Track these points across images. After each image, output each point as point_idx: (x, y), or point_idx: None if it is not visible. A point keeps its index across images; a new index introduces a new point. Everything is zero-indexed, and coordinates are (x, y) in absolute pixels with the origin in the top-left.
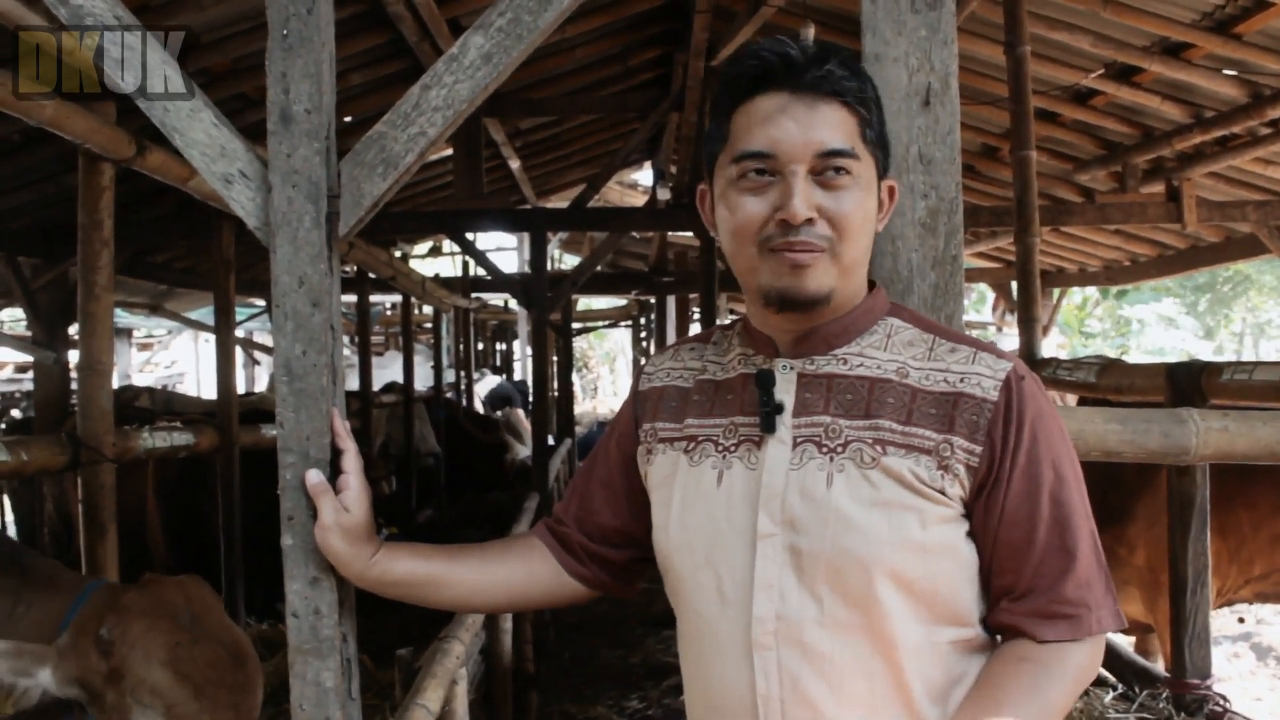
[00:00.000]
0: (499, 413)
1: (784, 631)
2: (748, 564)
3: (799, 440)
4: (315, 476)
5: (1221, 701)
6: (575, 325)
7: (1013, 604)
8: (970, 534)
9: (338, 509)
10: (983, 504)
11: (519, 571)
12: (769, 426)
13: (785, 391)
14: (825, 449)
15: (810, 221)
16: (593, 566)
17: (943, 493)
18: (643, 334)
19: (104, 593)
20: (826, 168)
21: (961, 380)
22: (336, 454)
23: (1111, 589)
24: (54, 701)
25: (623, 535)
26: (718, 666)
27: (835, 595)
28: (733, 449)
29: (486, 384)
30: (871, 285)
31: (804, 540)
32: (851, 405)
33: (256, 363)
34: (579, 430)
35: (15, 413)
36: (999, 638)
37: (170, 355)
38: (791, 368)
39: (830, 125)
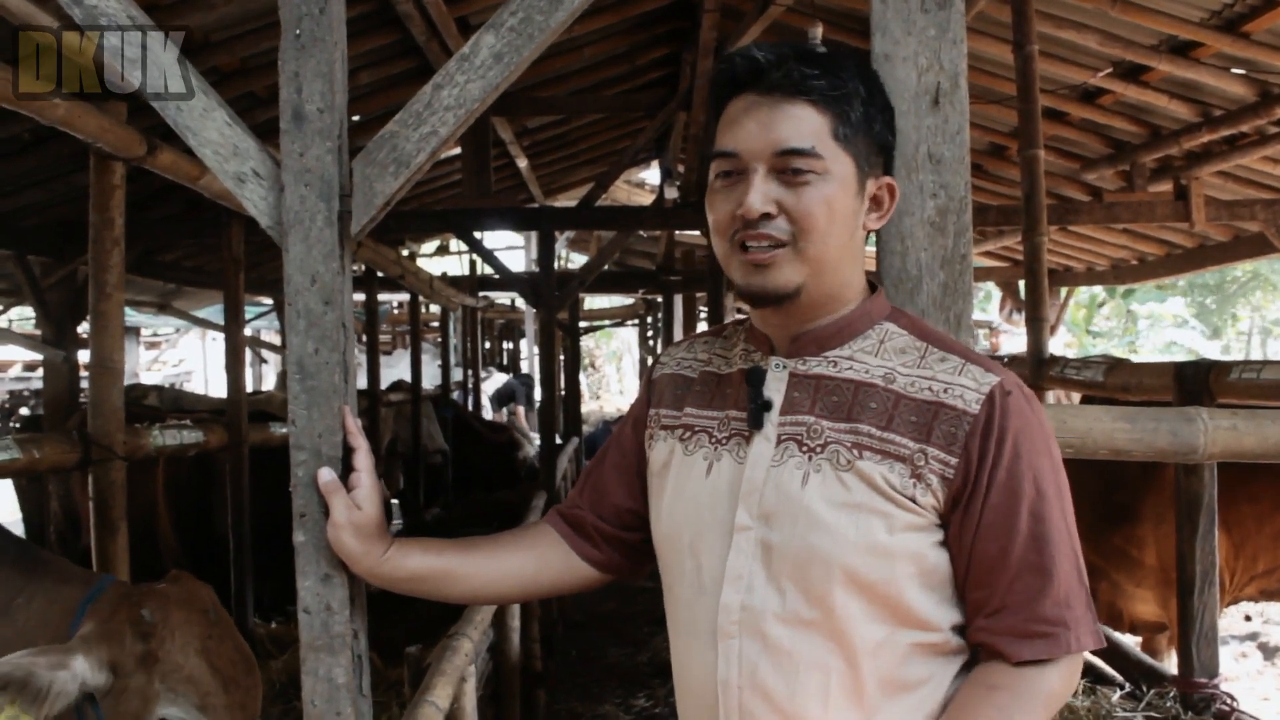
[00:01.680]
0: (504, 409)
1: (747, 622)
2: (724, 555)
3: (782, 438)
4: (327, 475)
5: (1229, 701)
6: (582, 324)
7: (988, 621)
8: (943, 544)
9: (350, 507)
10: (959, 516)
11: (531, 560)
12: (756, 423)
13: (775, 390)
14: (805, 448)
15: (768, 217)
16: (606, 549)
17: (914, 500)
18: (650, 333)
19: (120, 586)
20: (786, 166)
21: (945, 391)
22: (348, 451)
23: (1092, 608)
24: (80, 699)
25: (636, 516)
26: (691, 652)
27: (797, 591)
28: (724, 442)
29: (493, 383)
30: (875, 289)
31: (775, 535)
32: (835, 407)
33: (264, 361)
34: (586, 429)
35: (24, 410)
36: (979, 653)
37: (178, 354)
38: (784, 366)
39: (793, 123)
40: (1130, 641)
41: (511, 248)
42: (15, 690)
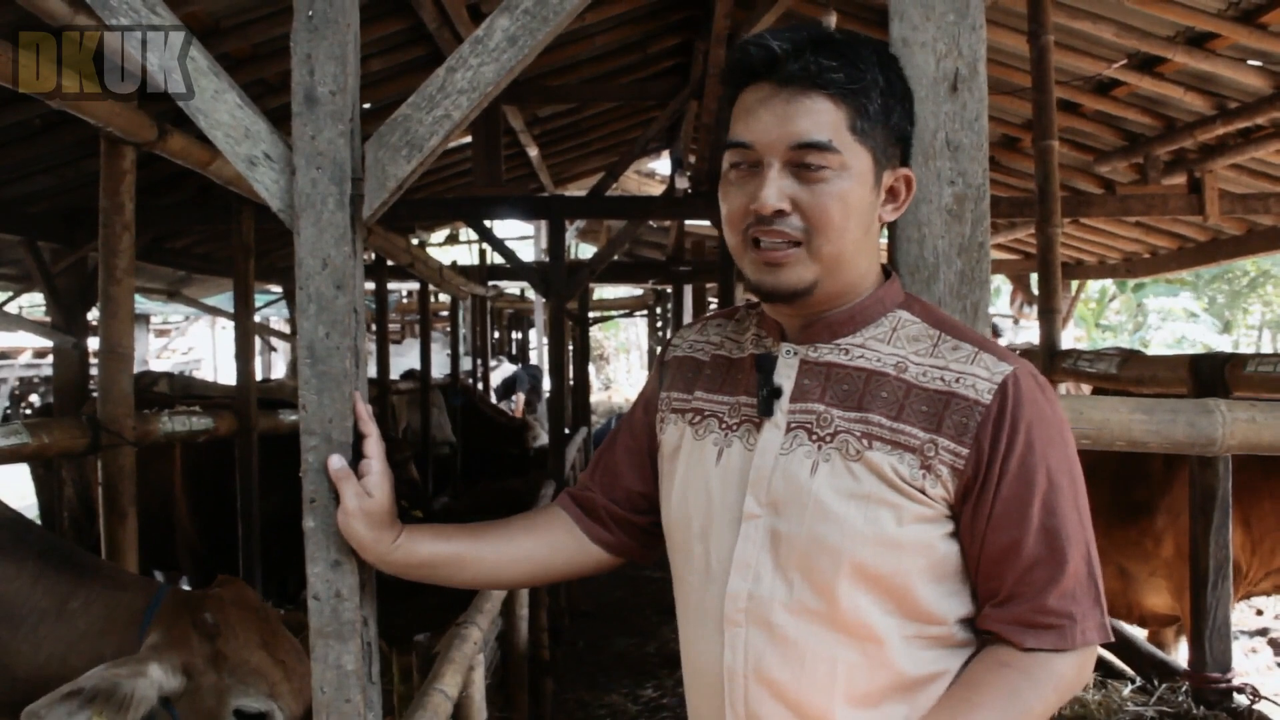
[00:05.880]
0: (511, 401)
1: (754, 611)
2: (732, 542)
3: (792, 426)
4: (337, 462)
5: (1251, 696)
6: (592, 314)
7: (995, 610)
8: (954, 535)
9: (360, 494)
10: (970, 507)
11: (542, 543)
12: (766, 410)
13: (785, 376)
14: (815, 437)
15: (782, 213)
16: (617, 532)
17: (923, 491)
18: (659, 324)
19: (176, 595)
20: (802, 161)
21: (957, 380)
22: (359, 438)
23: (1101, 602)
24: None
25: (647, 500)
26: (698, 638)
27: (805, 581)
28: (734, 428)
29: (502, 372)
30: (889, 275)
31: (783, 524)
32: (846, 396)
33: (273, 349)
34: (595, 420)
35: (34, 398)
36: (988, 640)
37: (187, 341)
38: (795, 353)
39: (809, 117)
40: (1140, 635)
41: (521, 237)
42: (103, 701)
